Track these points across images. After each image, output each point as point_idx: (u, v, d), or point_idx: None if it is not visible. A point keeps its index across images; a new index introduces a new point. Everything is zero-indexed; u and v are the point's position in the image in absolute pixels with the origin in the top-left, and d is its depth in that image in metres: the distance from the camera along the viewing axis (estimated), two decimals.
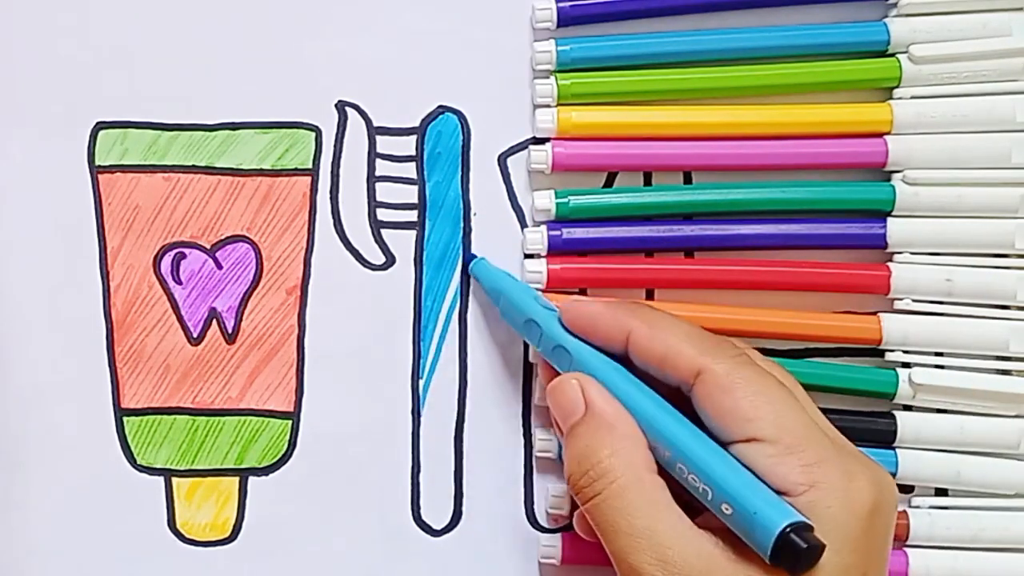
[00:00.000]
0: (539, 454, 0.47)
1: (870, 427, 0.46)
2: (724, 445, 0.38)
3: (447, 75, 0.48)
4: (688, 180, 0.48)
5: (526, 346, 0.47)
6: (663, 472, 0.39)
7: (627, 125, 0.47)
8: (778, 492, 0.37)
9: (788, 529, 0.35)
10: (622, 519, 0.38)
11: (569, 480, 0.40)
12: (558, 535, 0.47)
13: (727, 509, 0.37)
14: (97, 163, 0.47)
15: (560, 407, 0.41)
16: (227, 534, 0.47)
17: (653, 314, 0.41)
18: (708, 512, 0.38)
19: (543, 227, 0.47)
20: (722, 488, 0.37)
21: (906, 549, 0.46)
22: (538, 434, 0.47)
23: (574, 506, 0.46)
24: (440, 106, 0.48)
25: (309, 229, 0.48)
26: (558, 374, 0.42)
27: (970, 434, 0.46)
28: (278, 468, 0.47)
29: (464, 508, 0.47)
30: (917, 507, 0.47)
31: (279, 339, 0.48)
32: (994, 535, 0.46)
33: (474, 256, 0.47)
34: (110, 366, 0.47)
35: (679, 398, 0.40)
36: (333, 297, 0.48)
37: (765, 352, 0.47)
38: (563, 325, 0.43)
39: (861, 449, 0.46)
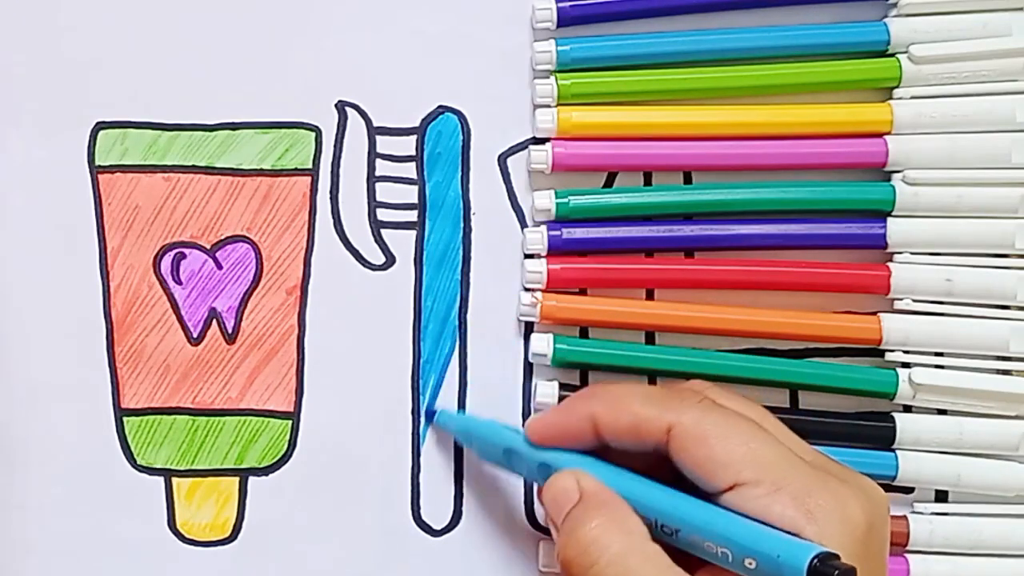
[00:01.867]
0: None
1: (870, 429, 0.46)
2: (711, 497, 0.38)
3: (447, 75, 0.48)
4: (688, 180, 0.48)
5: (526, 346, 0.47)
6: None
7: (627, 125, 0.47)
8: (782, 532, 0.36)
9: (816, 561, 0.35)
10: None
11: (563, 562, 0.39)
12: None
13: (751, 563, 0.36)
14: (97, 163, 0.47)
15: (555, 500, 0.40)
16: (227, 534, 0.47)
17: (609, 389, 0.41)
18: (707, 569, 0.37)
19: (543, 227, 0.47)
20: (740, 544, 0.36)
21: (907, 555, 0.46)
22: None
23: None
24: (440, 106, 0.48)
25: (309, 229, 0.48)
26: None
27: (970, 435, 0.46)
28: (278, 468, 0.47)
29: (464, 508, 0.47)
30: (919, 513, 0.47)
31: (279, 339, 0.48)
32: (995, 541, 0.46)
33: (434, 411, 0.47)
34: (110, 366, 0.47)
35: (661, 471, 0.40)
36: (333, 297, 0.48)
37: (765, 352, 0.47)
38: (533, 444, 0.42)
39: (861, 450, 0.46)
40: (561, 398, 0.46)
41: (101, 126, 0.47)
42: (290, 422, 0.47)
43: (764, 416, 0.41)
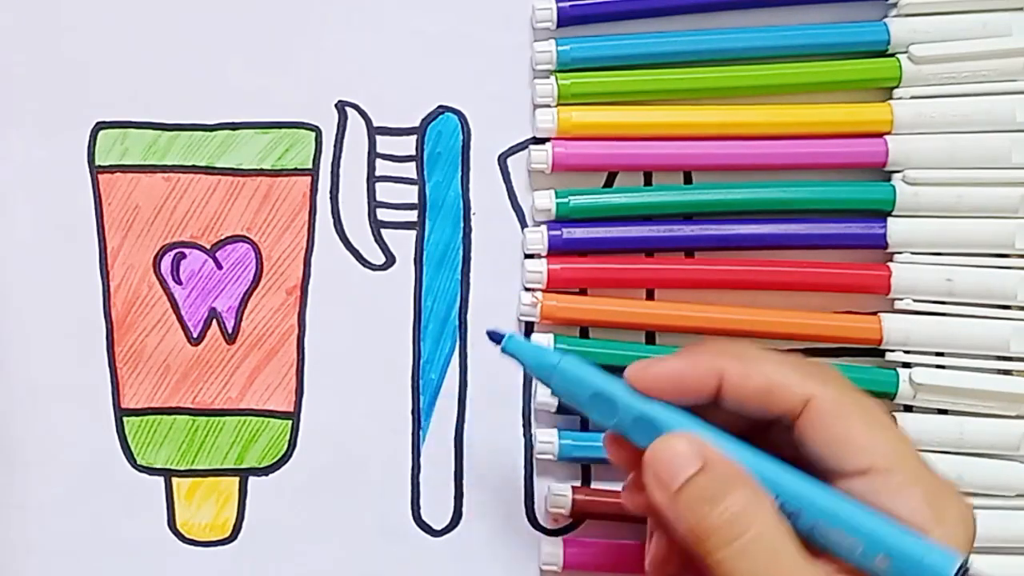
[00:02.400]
0: (539, 455, 0.47)
1: None
2: (833, 479, 0.36)
3: (447, 75, 0.48)
4: (688, 180, 0.48)
5: None
6: None
7: (627, 125, 0.47)
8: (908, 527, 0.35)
9: (962, 571, 0.34)
10: (763, 570, 0.35)
11: (692, 532, 0.36)
12: (559, 540, 0.47)
13: (882, 561, 0.35)
14: (97, 163, 0.47)
15: (668, 464, 0.36)
16: (227, 534, 0.47)
17: (741, 348, 0.39)
18: (825, 557, 0.36)
19: (543, 227, 0.47)
20: (876, 538, 0.35)
21: None
22: (538, 434, 0.47)
23: (575, 506, 0.46)
24: (440, 106, 0.48)
25: (309, 229, 0.48)
26: (634, 452, 0.38)
27: (971, 435, 0.46)
28: (278, 468, 0.47)
29: (464, 508, 0.47)
30: None
31: (279, 339, 0.48)
32: (995, 535, 0.46)
33: (500, 333, 0.40)
34: (110, 366, 0.47)
35: (762, 445, 0.38)
36: (333, 297, 0.48)
37: None
38: (637, 393, 0.38)
39: None
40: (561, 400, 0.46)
41: (101, 126, 0.47)
42: (290, 422, 0.47)
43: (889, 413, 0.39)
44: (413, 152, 0.48)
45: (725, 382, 0.37)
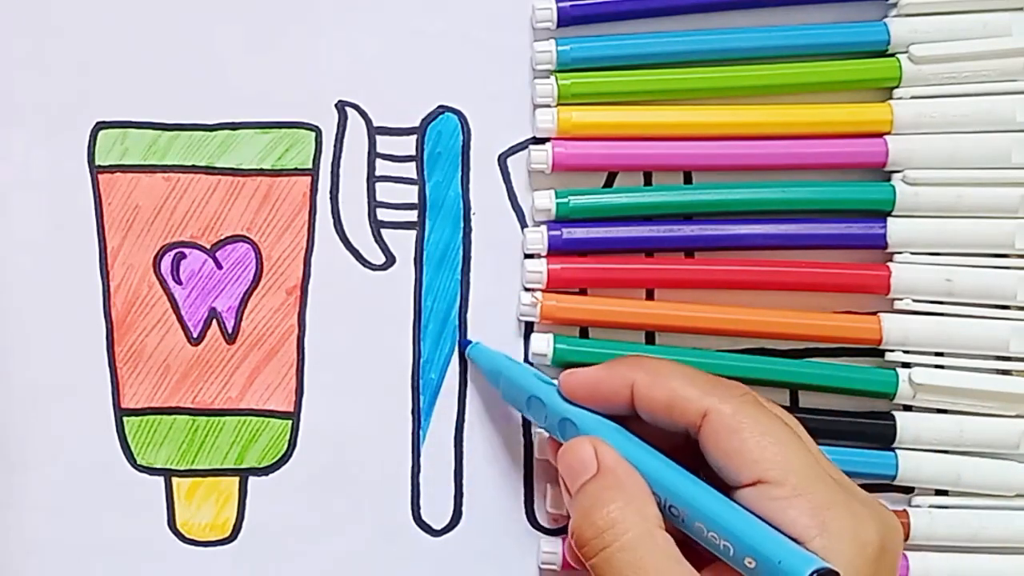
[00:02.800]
0: (539, 456, 0.47)
1: (870, 428, 0.46)
2: (731, 489, 0.38)
3: (447, 75, 0.48)
4: (688, 180, 0.48)
5: (527, 346, 0.47)
6: (670, 531, 0.38)
7: (627, 125, 0.47)
8: (789, 537, 0.36)
9: (814, 575, 0.35)
10: (632, 573, 0.37)
11: (575, 535, 0.39)
12: (558, 540, 0.47)
13: (750, 562, 0.36)
14: (97, 163, 0.47)
15: (570, 468, 0.40)
16: (227, 534, 0.47)
17: (654, 362, 0.41)
18: (712, 567, 0.38)
19: (543, 227, 0.47)
20: (743, 541, 0.36)
21: (906, 552, 0.46)
22: (537, 435, 0.47)
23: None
24: (440, 106, 0.48)
25: (309, 229, 0.48)
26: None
27: (970, 434, 0.46)
28: (278, 468, 0.47)
29: (464, 508, 0.47)
30: (917, 506, 0.47)
31: (279, 339, 0.48)
32: (994, 534, 0.46)
33: (469, 341, 0.47)
34: (110, 366, 0.47)
35: (683, 454, 0.40)
36: (333, 297, 0.48)
37: (765, 352, 0.47)
38: (564, 397, 0.42)
39: (861, 449, 0.46)
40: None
41: (101, 126, 0.47)
42: (290, 422, 0.47)
43: (798, 427, 0.40)
44: (413, 152, 0.48)
45: (635, 392, 0.40)
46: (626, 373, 0.41)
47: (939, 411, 0.47)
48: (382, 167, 0.48)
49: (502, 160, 0.48)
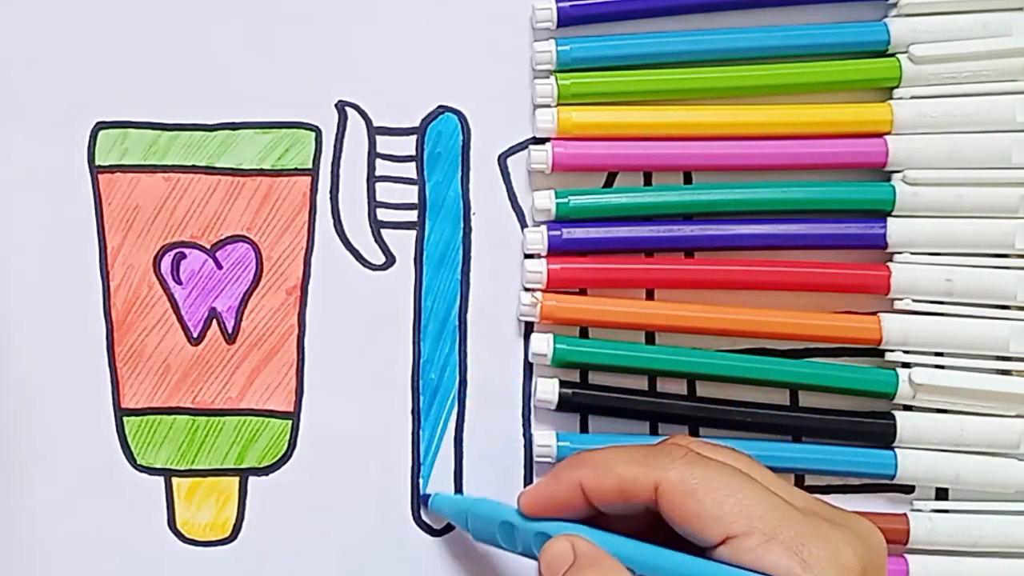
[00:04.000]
0: (538, 458, 0.47)
1: (870, 427, 0.46)
2: (706, 552, 0.38)
3: (447, 75, 0.48)
4: (688, 180, 0.48)
5: (526, 346, 0.47)
6: None
7: (627, 125, 0.47)
8: None
9: None
10: None
11: None
12: None
13: None
14: (97, 163, 0.47)
15: (551, 565, 0.40)
16: (227, 534, 0.47)
17: (592, 455, 0.41)
18: None
19: (543, 227, 0.47)
20: None
21: (906, 555, 0.46)
22: (537, 436, 0.47)
23: None
24: (440, 106, 0.48)
25: (309, 229, 0.48)
26: None
27: (970, 434, 0.46)
28: (278, 468, 0.47)
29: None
30: (918, 511, 0.47)
31: (279, 339, 0.48)
32: (995, 539, 0.46)
33: (427, 495, 0.47)
34: (110, 366, 0.47)
35: (659, 531, 0.40)
36: (333, 297, 0.48)
37: (765, 352, 0.47)
38: (527, 517, 0.42)
39: (861, 448, 0.46)
40: (561, 396, 0.46)
41: (101, 126, 0.47)
42: (290, 422, 0.47)
43: (751, 465, 0.40)
44: (413, 152, 0.48)
45: (585, 491, 0.40)
46: (571, 475, 0.41)
47: (939, 411, 0.47)
48: (382, 167, 0.48)
49: (502, 160, 0.48)
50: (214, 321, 0.47)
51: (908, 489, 0.47)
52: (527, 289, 0.47)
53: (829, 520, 0.38)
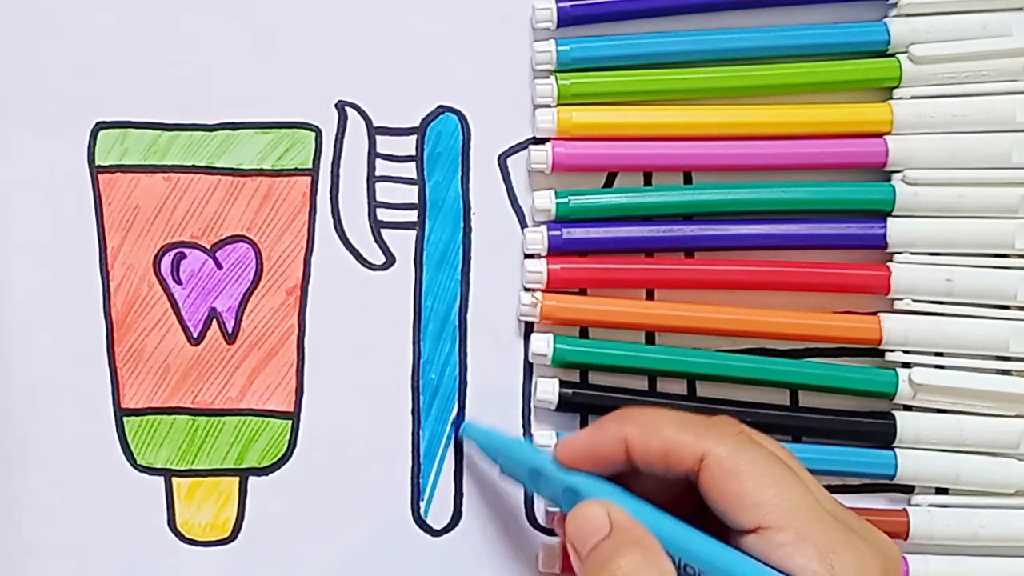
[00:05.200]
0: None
1: (870, 427, 0.46)
2: (734, 534, 0.38)
3: (447, 75, 0.48)
4: (688, 180, 0.48)
5: (526, 346, 0.47)
6: None
7: (627, 125, 0.47)
8: None
9: None
10: None
11: None
12: (558, 542, 0.47)
13: None
14: (97, 163, 0.47)
15: (581, 530, 0.39)
16: (227, 534, 0.47)
17: (644, 413, 0.41)
18: None
19: (543, 227, 0.47)
20: None
21: (906, 556, 0.46)
22: (536, 436, 0.47)
23: None
24: (440, 106, 0.48)
25: (309, 229, 0.48)
26: None
27: (970, 434, 0.46)
28: (278, 468, 0.47)
29: (464, 508, 0.47)
30: (917, 505, 0.47)
31: (279, 339, 0.48)
32: (993, 533, 0.46)
33: (462, 421, 0.47)
34: (110, 366, 0.47)
35: (686, 502, 0.40)
36: (333, 297, 0.48)
37: (765, 352, 0.47)
38: (562, 467, 0.41)
39: (861, 448, 0.46)
40: (561, 396, 0.46)
41: (101, 126, 0.47)
42: (290, 422, 0.47)
43: (792, 459, 0.40)
44: (413, 152, 0.48)
45: (629, 447, 0.40)
46: (617, 430, 0.40)
47: (939, 411, 0.47)
48: (382, 167, 0.48)
49: (502, 160, 0.48)
50: (214, 321, 0.47)
51: (908, 489, 0.47)
52: (527, 289, 0.47)
53: (857, 532, 0.38)
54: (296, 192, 0.48)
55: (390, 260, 0.48)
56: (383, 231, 0.48)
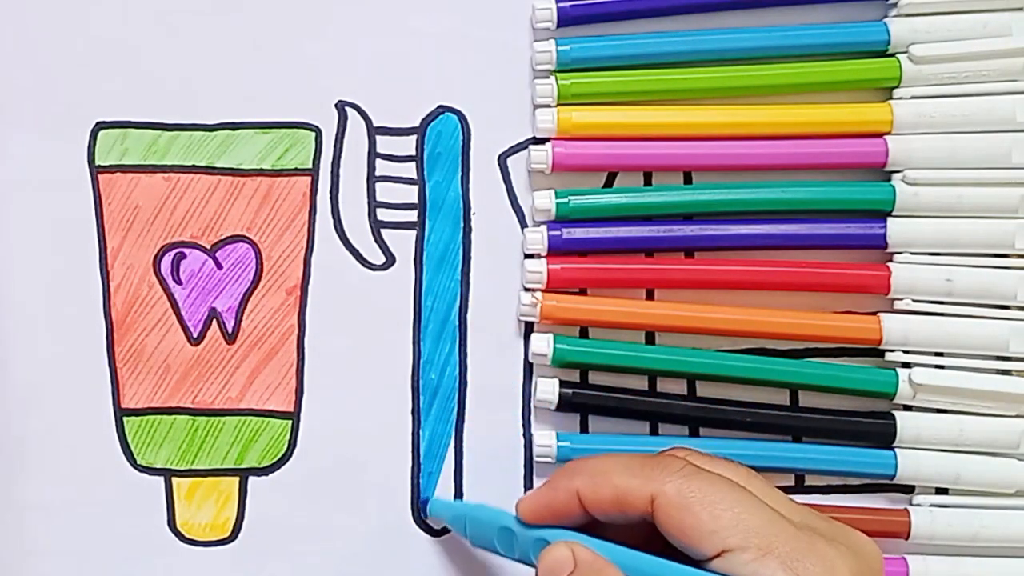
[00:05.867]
0: (538, 458, 0.47)
1: (870, 427, 0.46)
2: (701, 564, 0.38)
3: (447, 75, 0.48)
4: (688, 180, 0.48)
5: (526, 346, 0.47)
6: None
7: (627, 125, 0.47)
8: None
9: None
10: None
11: None
12: None
13: None
14: (97, 163, 0.47)
15: (550, 569, 0.39)
16: (227, 534, 0.47)
17: (591, 463, 0.41)
18: None
19: (543, 227, 0.47)
20: None
21: (906, 556, 0.46)
22: (537, 437, 0.47)
23: None
24: (440, 106, 0.48)
25: (309, 229, 0.48)
26: None
27: (970, 434, 0.46)
28: (278, 468, 0.47)
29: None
30: (918, 505, 0.47)
31: (279, 339, 0.48)
32: (994, 533, 0.46)
33: (426, 499, 0.47)
34: (110, 366, 0.47)
35: (655, 543, 0.40)
36: (333, 297, 0.48)
37: (765, 352, 0.47)
38: (526, 525, 0.42)
39: (861, 448, 0.46)
40: (561, 396, 0.46)
41: (101, 126, 0.47)
42: (290, 422, 0.47)
43: (749, 477, 0.40)
44: (413, 152, 0.48)
45: (583, 500, 0.40)
46: (567, 484, 0.40)
47: (939, 411, 0.47)
48: (382, 167, 0.48)
49: (502, 160, 0.48)
50: (214, 321, 0.47)
51: (908, 489, 0.47)
52: (527, 289, 0.47)
53: (825, 536, 0.38)
54: (296, 192, 0.48)
55: (390, 260, 0.48)
56: (383, 231, 0.48)
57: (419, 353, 0.48)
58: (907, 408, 0.47)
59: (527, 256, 0.47)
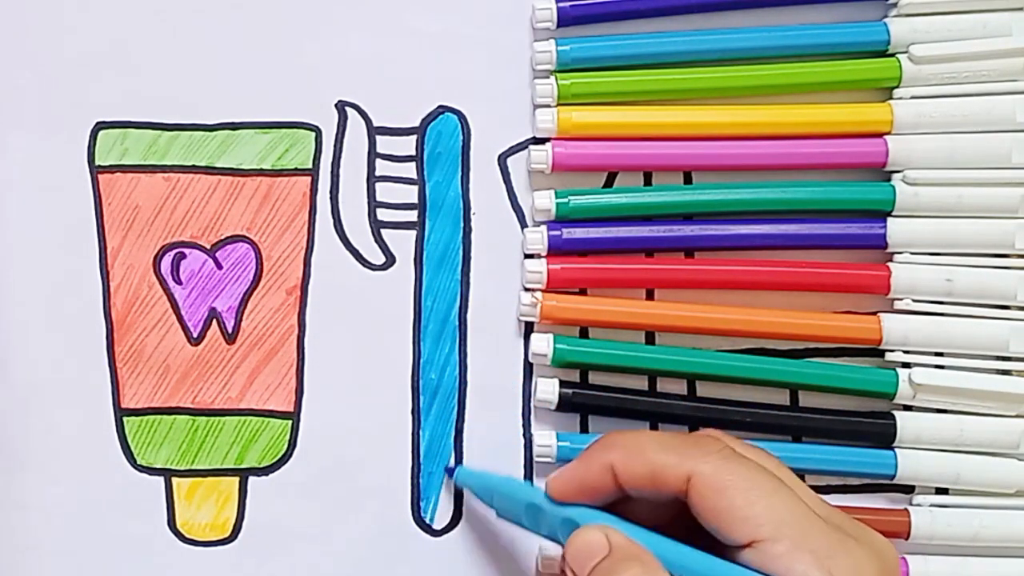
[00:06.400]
0: (538, 458, 0.47)
1: (870, 427, 0.46)
2: (730, 550, 0.38)
3: (447, 75, 0.48)
4: (688, 180, 0.48)
5: (526, 346, 0.47)
6: None
7: (627, 125, 0.47)
8: None
9: None
10: None
11: None
12: (559, 552, 0.47)
13: None
14: (97, 163, 0.47)
15: (580, 553, 0.39)
16: (227, 534, 0.47)
17: (627, 437, 0.41)
18: None
19: (543, 227, 0.47)
20: None
21: (906, 557, 0.46)
22: (537, 437, 0.47)
23: None
24: (440, 106, 0.48)
25: (309, 229, 0.48)
26: None
27: (970, 434, 0.46)
28: (278, 468, 0.47)
29: (464, 508, 0.47)
30: (918, 505, 0.47)
31: (279, 339, 0.48)
32: (995, 533, 0.46)
33: (452, 467, 0.47)
34: (110, 366, 0.47)
35: (682, 523, 0.40)
36: (333, 297, 0.48)
37: (765, 352, 0.47)
38: (555, 501, 0.41)
39: (861, 448, 0.46)
40: (561, 396, 0.46)
41: (101, 126, 0.47)
42: (290, 422, 0.47)
43: (780, 468, 0.40)
44: (413, 152, 0.48)
45: (616, 473, 0.40)
46: (603, 457, 0.40)
47: (939, 411, 0.47)
48: (382, 167, 0.48)
49: (502, 160, 0.48)
50: (214, 321, 0.47)
51: (908, 489, 0.47)
52: (527, 289, 0.47)
53: (852, 535, 0.38)
54: (296, 192, 0.48)
55: (390, 260, 0.48)
56: (383, 231, 0.48)
57: (419, 353, 0.48)
58: (907, 408, 0.47)
59: (527, 256, 0.47)
